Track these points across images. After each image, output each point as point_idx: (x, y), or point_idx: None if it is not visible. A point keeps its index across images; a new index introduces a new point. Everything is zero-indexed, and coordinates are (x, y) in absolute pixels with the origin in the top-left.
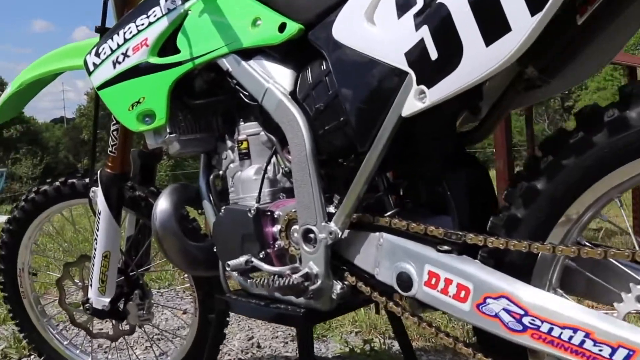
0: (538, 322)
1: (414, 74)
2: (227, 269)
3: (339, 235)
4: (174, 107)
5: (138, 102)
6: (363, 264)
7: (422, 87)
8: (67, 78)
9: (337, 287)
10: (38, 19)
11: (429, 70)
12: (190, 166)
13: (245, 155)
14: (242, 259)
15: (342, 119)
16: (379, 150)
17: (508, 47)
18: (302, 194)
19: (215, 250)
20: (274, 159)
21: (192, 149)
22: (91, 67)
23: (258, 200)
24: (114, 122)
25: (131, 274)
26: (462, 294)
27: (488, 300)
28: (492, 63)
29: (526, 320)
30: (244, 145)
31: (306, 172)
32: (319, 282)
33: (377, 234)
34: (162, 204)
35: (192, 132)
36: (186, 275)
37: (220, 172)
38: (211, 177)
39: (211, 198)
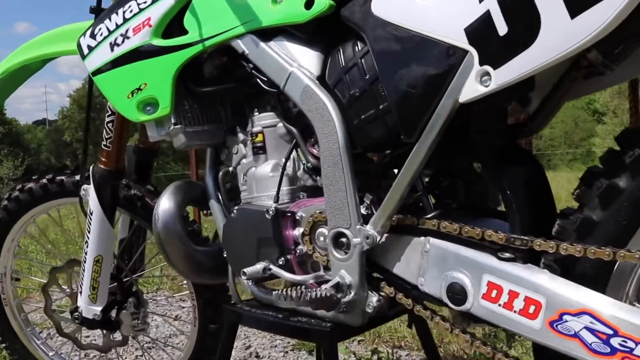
0: (631, 344)
1: (476, 52)
2: (243, 277)
3: (377, 240)
4: (180, 95)
5: (139, 89)
6: (404, 272)
7: (486, 67)
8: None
9: (373, 299)
10: (21, 21)
11: (495, 48)
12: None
13: (260, 150)
14: (259, 266)
15: (381, 106)
16: (429, 142)
17: (600, 17)
18: (333, 193)
19: (224, 255)
20: (293, 154)
21: (199, 142)
22: (85, 50)
23: (276, 199)
24: (109, 112)
25: (125, 280)
26: (532, 309)
27: (565, 317)
28: (577, 39)
29: (615, 341)
30: (259, 138)
31: (339, 168)
32: (352, 293)
33: (422, 238)
34: (165, 204)
35: (199, 124)
36: (185, 281)
37: (230, 168)
38: (220, 173)
39: (220, 197)
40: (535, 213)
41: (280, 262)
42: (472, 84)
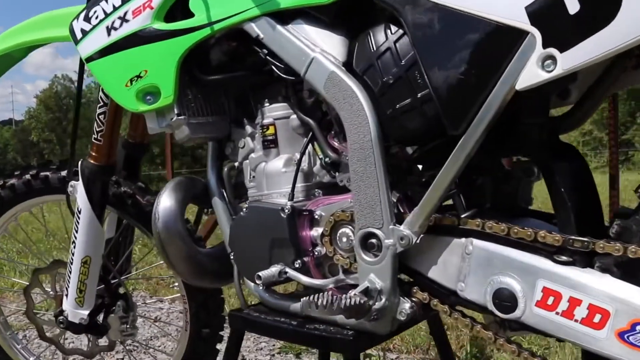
0: None
1: (539, 33)
2: (258, 281)
3: (413, 242)
4: (183, 84)
5: (138, 76)
6: (440, 276)
7: (551, 50)
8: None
9: (405, 305)
10: None
11: (564, 28)
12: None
13: (271, 143)
14: (275, 270)
15: (419, 95)
16: (478, 135)
17: None
18: (363, 190)
19: (231, 257)
20: (309, 148)
21: (203, 135)
22: (79, 35)
23: (291, 197)
24: (101, 103)
25: (112, 282)
26: (597, 318)
27: (639, 328)
28: None
29: None
30: (270, 130)
31: (370, 162)
32: (383, 299)
33: (463, 239)
34: (166, 202)
35: (203, 115)
36: (175, 283)
37: (236, 164)
38: (225, 169)
39: (224, 194)
40: (589, 212)
41: (297, 265)
42: (533, 69)
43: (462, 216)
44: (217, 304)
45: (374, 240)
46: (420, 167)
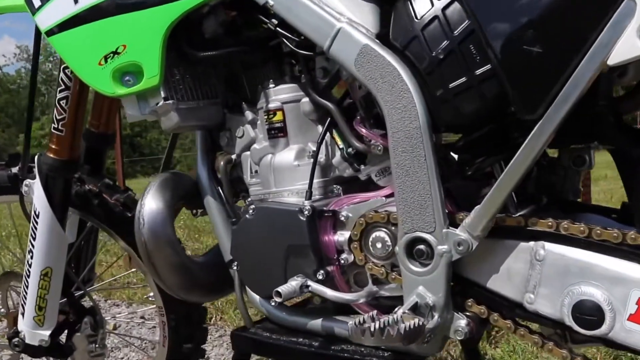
0: None
1: None
2: (278, 298)
3: (472, 247)
4: (170, 62)
5: (115, 52)
6: (502, 287)
7: None
8: None
9: (461, 322)
10: None
11: None
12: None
13: (278, 132)
14: (295, 283)
15: (477, 72)
16: (559, 118)
17: None
18: (410, 187)
19: (234, 268)
20: (327, 136)
21: (194, 122)
22: (37, 3)
23: (309, 195)
24: (62, 86)
25: (76, 294)
26: None
27: None
28: None
29: None
30: (278, 116)
31: (419, 154)
32: (436, 316)
33: (532, 243)
34: (151, 203)
35: (193, 98)
36: (151, 294)
37: (233, 156)
38: (221, 163)
39: (221, 193)
40: None
41: (320, 277)
42: (632, 41)
43: (537, 215)
44: (200, 316)
45: (422, 247)
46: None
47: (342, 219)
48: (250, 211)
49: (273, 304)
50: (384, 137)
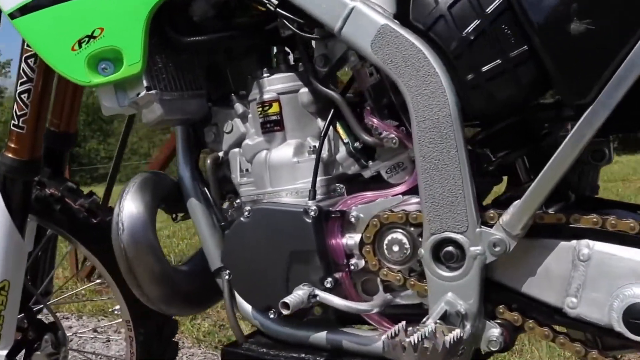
0: None
1: None
2: (285, 310)
3: (510, 248)
4: (153, 48)
5: (91, 37)
6: (539, 290)
7: None
8: None
9: (494, 332)
10: None
11: None
12: None
13: (275, 125)
14: (303, 293)
15: (512, 54)
16: (614, 102)
17: None
18: (439, 183)
19: (225, 277)
20: (330, 131)
21: (180, 116)
22: None
23: (312, 195)
24: (24, 78)
25: (35, 309)
26: None
27: None
28: None
29: None
30: (274, 108)
31: (450, 146)
32: (468, 327)
33: (574, 242)
34: (131, 207)
35: (177, 89)
36: (117, 307)
37: (221, 154)
38: (208, 161)
39: (208, 195)
40: None
41: (327, 284)
42: None
43: (579, 212)
44: (171, 329)
45: (451, 249)
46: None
47: (352, 220)
48: (246, 213)
49: (271, 315)
50: (398, 128)
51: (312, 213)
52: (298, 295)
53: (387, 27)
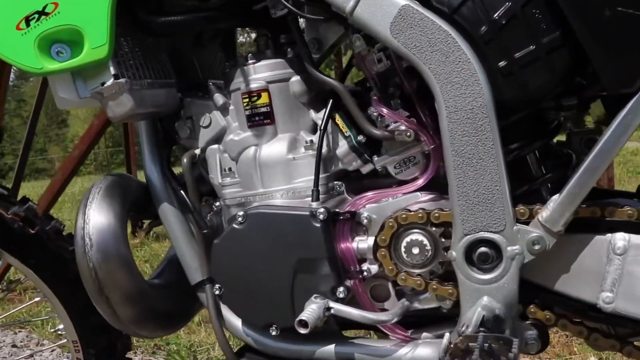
0: None
1: None
2: (302, 329)
3: (549, 246)
4: (120, 30)
5: (42, 13)
6: (572, 287)
7: None
8: None
9: (531, 333)
10: None
11: None
12: None
13: (263, 118)
14: (317, 307)
15: (545, 40)
16: None
17: None
18: (473, 179)
19: (214, 292)
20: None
21: (151, 108)
22: None
23: (316, 196)
24: None
25: None
26: None
27: None
28: None
29: None
30: (263, 99)
31: (486, 138)
32: (507, 331)
33: (608, 235)
34: (99, 216)
35: (146, 78)
36: (60, 326)
37: (197, 151)
38: (184, 160)
39: (185, 198)
40: None
41: (340, 295)
42: None
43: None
44: (124, 346)
45: (486, 250)
46: None
47: (364, 221)
48: (239, 219)
49: (273, 332)
50: (409, 119)
51: (321, 216)
52: (313, 310)
53: (409, 7)
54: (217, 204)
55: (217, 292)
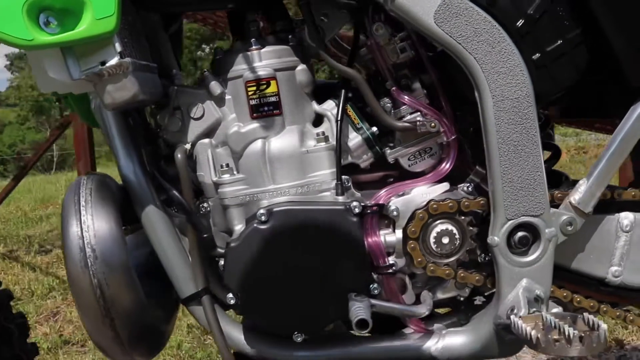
0: None
1: None
2: (362, 330)
3: (579, 227)
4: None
5: None
6: (585, 265)
7: None
8: None
9: (556, 311)
10: None
11: None
12: None
13: (272, 108)
14: (364, 305)
15: (569, 35)
16: None
17: None
18: (518, 166)
19: (228, 300)
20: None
21: (148, 95)
22: None
23: (341, 190)
24: None
25: None
26: None
27: None
28: None
29: None
30: (271, 88)
31: (531, 127)
32: (544, 309)
33: (616, 215)
34: (101, 223)
35: (142, 59)
36: None
37: (187, 146)
38: (179, 156)
39: (181, 199)
40: None
41: (375, 291)
42: None
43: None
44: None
45: (525, 233)
46: None
47: (393, 213)
48: (262, 217)
49: (298, 339)
50: (433, 109)
51: (356, 209)
52: (362, 308)
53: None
54: (205, 204)
55: (231, 302)
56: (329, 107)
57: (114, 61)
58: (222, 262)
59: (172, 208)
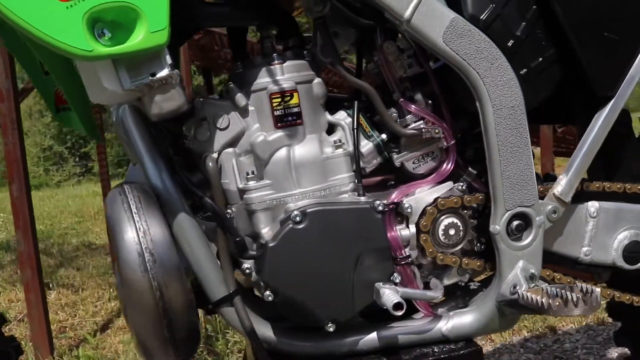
0: None
1: None
2: (399, 312)
3: (561, 214)
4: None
5: None
6: (562, 246)
7: None
8: None
9: (548, 288)
10: None
11: None
12: None
13: (295, 119)
14: (392, 291)
15: (547, 54)
16: (630, 91)
17: None
18: (515, 164)
19: (266, 298)
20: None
21: (186, 105)
22: None
23: (362, 190)
24: None
25: None
26: None
27: None
28: None
29: None
30: (294, 100)
31: (523, 130)
32: (540, 284)
33: (585, 204)
34: (157, 227)
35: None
36: None
37: (214, 155)
38: (209, 164)
39: (214, 207)
40: None
41: (395, 279)
42: None
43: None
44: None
45: (519, 222)
46: None
47: (407, 210)
48: (297, 218)
49: (331, 329)
50: (436, 117)
51: (380, 207)
52: (393, 293)
53: (458, 20)
54: (229, 211)
55: (269, 299)
56: (342, 117)
57: (164, 73)
58: (246, 264)
59: (198, 214)
